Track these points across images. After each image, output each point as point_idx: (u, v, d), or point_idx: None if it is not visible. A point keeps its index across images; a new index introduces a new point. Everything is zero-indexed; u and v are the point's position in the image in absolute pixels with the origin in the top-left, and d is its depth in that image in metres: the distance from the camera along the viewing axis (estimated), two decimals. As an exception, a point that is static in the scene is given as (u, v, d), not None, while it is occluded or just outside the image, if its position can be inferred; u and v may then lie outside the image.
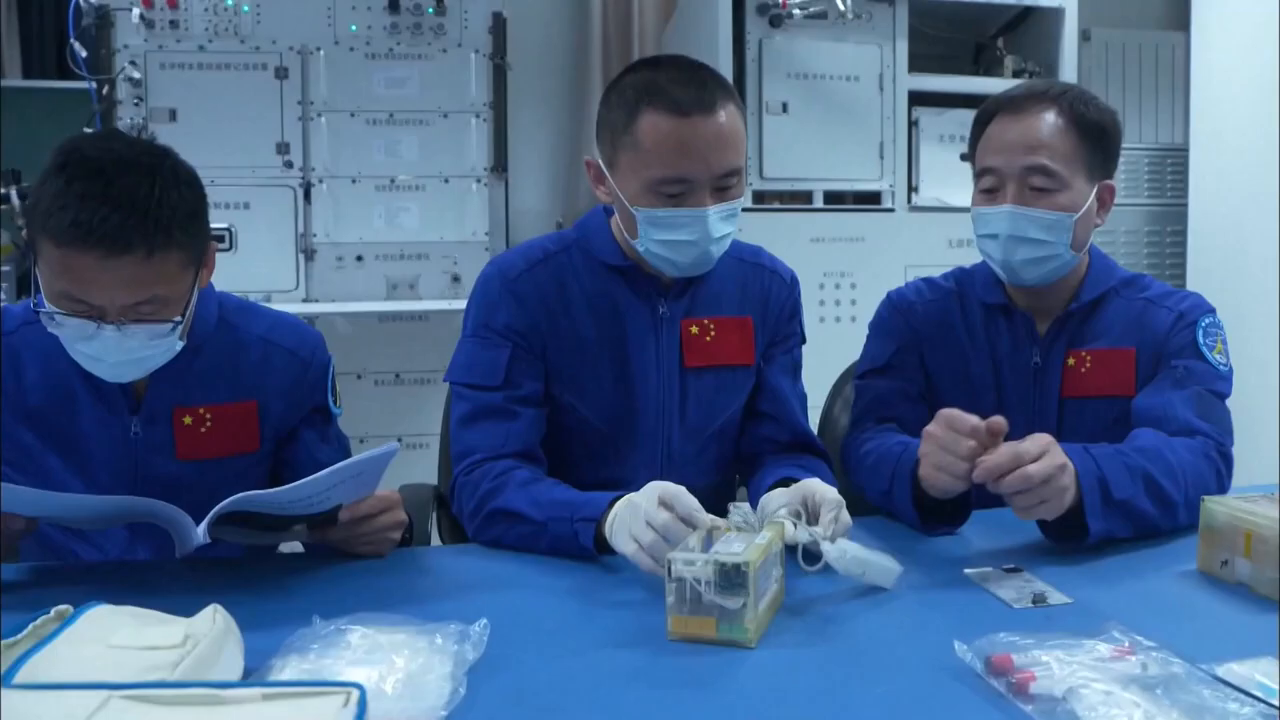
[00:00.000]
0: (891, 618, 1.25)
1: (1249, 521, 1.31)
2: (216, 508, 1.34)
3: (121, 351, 1.40)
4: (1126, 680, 0.97)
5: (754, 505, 1.46)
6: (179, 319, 1.42)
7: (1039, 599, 1.27)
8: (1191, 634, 1.15)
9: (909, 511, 1.54)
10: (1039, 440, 1.38)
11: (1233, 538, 1.33)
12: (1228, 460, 1.62)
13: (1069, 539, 1.44)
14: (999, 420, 1.40)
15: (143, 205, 1.32)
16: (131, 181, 1.33)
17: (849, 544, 1.32)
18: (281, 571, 1.44)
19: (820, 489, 1.41)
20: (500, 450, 1.61)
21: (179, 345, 1.47)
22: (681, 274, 1.66)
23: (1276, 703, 0.95)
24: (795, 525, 1.32)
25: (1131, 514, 1.45)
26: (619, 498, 1.41)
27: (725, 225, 1.59)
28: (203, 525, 1.36)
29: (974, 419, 1.40)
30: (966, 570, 1.38)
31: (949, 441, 1.41)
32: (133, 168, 1.35)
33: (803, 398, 1.83)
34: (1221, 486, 1.58)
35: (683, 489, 1.33)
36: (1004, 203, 1.67)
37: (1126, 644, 1.05)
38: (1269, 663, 1.03)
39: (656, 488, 1.34)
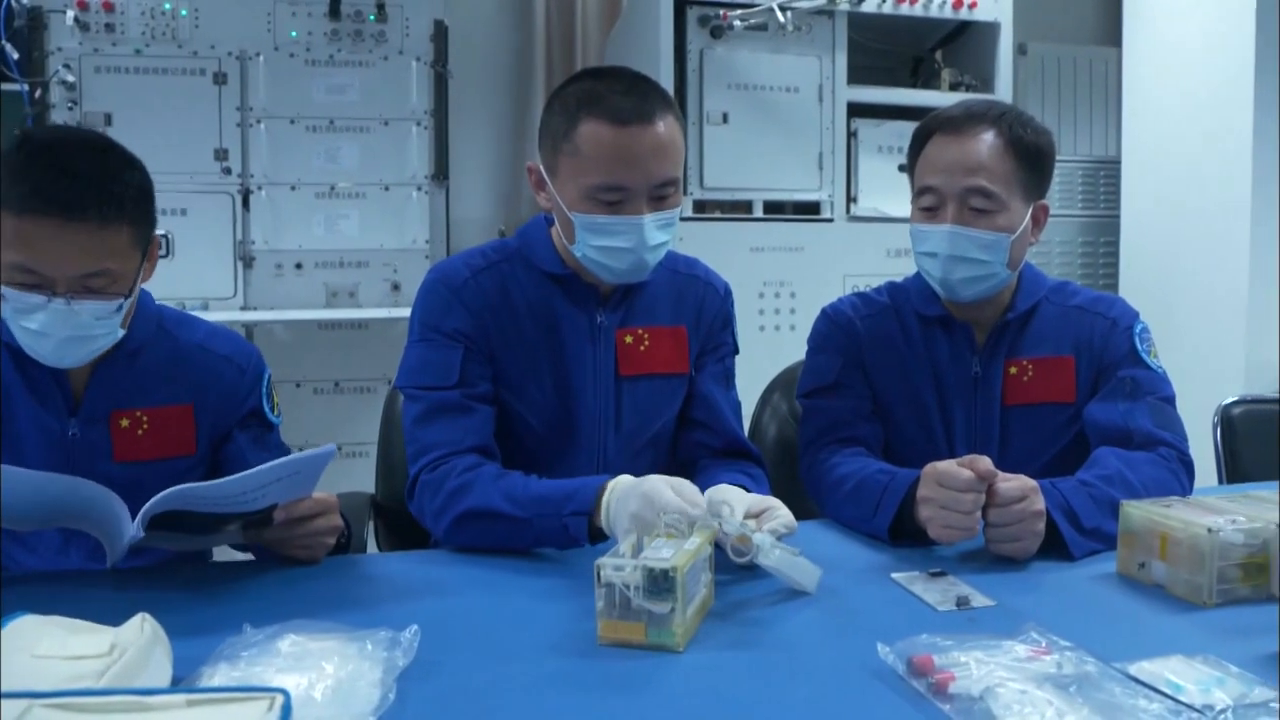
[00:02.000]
0: (818, 621, 1.27)
1: (1165, 525, 1.35)
2: (153, 500, 1.32)
3: (68, 326, 1.42)
4: (1041, 679, 1.00)
5: None
6: (126, 297, 1.45)
7: (962, 602, 1.30)
8: (1107, 634, 1.19)
9: (884, 535, 1.57)
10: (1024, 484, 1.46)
11: (1149, 541, 1.37)
12: (1189, 466, 1.69)
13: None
14: (984, 462, 1.45)
15: (98, 178, 1.41)
16: (86, 157, 1.42)
17: (779, 542, 1.34)
18: (214, 580, 1.43)
19: (782, 510, 1.43)
20: (460, 445, 1.61)
21: (120, 332, 1.50)
22: (618, 280, 1.68)
23: (1184, 699, 0.98)
24: (731, 514, 1.35)
25: (1104, 539, 1.50)
26: (602, 485, 1.45)
27: (661, 234, 1.61)
28: (137, 520, 1.35)
29: (965, 473, 1.44)
30: (893, 574, 1.41)
31: (950, 502, 1.45)
32: (87, 146, 1.46)
33: (736, 405, 1.85)
34: (1185, 492, 1.64)
35: (687, 482, 1.37)
36: (944, 222, 1.70)
37: (1044, 644, 1.09)
38: (1179, 660, 1.06)
39: (665, 482, 1.36)
